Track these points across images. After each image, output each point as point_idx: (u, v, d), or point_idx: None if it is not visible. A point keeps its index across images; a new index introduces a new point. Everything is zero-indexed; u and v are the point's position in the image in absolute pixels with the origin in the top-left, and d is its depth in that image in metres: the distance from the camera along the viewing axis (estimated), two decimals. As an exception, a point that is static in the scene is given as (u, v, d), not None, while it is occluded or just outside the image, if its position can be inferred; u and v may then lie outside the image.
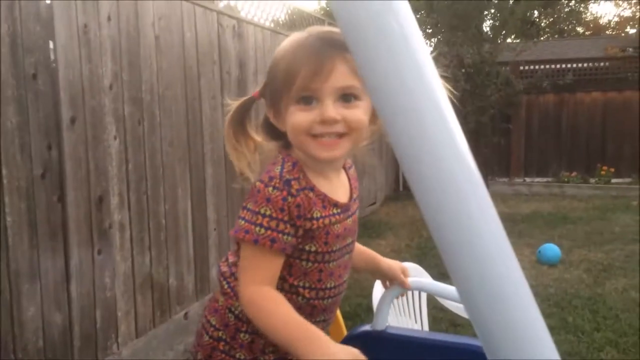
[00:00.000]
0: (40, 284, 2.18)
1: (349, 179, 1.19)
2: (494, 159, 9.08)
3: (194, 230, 3.18)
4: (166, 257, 2.94)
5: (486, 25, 10.24)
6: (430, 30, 11.25)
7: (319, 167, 1.09)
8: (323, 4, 10.78)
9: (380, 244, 5.35)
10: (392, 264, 1.40)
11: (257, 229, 0.99)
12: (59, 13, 2.21)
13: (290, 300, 1.04)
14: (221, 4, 3.64)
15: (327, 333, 1.24)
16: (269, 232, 0.99)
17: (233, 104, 1.13)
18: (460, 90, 8.40)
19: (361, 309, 3.51)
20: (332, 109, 0.99)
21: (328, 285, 1.12)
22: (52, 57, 2.19)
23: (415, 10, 10.95)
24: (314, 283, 1.10)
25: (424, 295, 1.89)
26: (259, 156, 1.13)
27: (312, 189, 1.05)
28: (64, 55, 2.24)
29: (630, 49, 9.82)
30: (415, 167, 0.37)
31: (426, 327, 1.86)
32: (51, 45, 2.19)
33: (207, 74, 3.30)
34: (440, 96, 0.37)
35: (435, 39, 10.64)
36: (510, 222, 6.37)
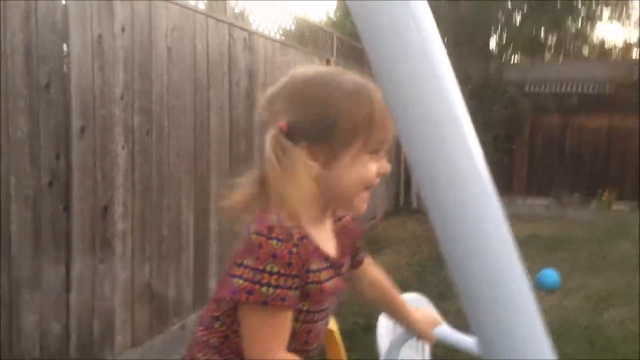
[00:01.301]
0: (42, 293, 2.17)
1: (337, 232, 1.09)
2: (494, 178, 9.03)
3: (195, 241, 3.17)
4: (166, 268, 2.93)
5: (493, 42, 10.26)
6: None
7: (317, 216, 1.01)
8: (331, 14, 10.84)
9: (382, 259, 5.33)
10: (423, 326, 1.32)
11: (264, 288, 0.91)
12: (74, 23, 2.22)
13: None
14: (235, 10, 3.64)
15: None
16: (278, 290, 0.91)
17: (268, 137, 0.95)
18: (466, 106, 8.40)
19: (358, 327, 3.49)
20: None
21: (313, 347, 1.08)
22: (65, 66, 2.20)
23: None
24: (300, 345, 1.03)
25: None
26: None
27: (307, 238, 0.98)
28: (77, 64, 2.25)
29: (637, 74, 9.84)
30: (428, 176, 0.36)
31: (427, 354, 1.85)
32: (65, 49, 2.19)
33: (216, 85, 3.31)
34: (458, 103, 0.37)
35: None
36: (510, 244, 6.36)
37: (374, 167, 0.98)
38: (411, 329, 1.33)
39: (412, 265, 5.15)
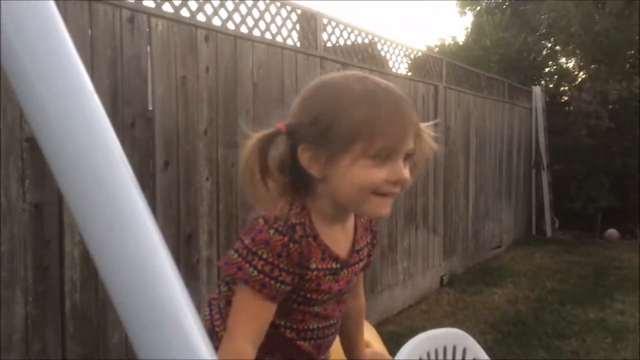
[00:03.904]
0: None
1: (356, 228, 1.12)
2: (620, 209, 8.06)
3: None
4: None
5: (637, 57, 9.29)
6: (574, 65, 10.53)
7: (333, 215, 1.04)
8: (447, 40, 10.51)
9: (496, 292, 5.02)
10: None
11: (250, 269, 0.96)
12: (158, 67, 2.44)
13: (272, 336, 1.02)
14: (327, 45, 3.74)
15: None
16: (261, 276, 0.96)
17: (254, 135, 1.01)
18: (604, 129, 7.71)
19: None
20: (407, 171, 0.97)
21: (311, 327, 1.09)
22: (149, 107, 2.42)
23: (561, 44, 10.32)
24: (296, 323, 1.08)
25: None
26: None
27: (316, 237, 1.02)
28: (161, 104, 2.46)
29: None
30: (71, 182, 0.38)
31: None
32: (149, 95, 2.42)
33: (307, 117, 3.40)
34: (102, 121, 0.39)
35: (581, 74, 9.92)
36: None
37: (381, 173, 0.95)
38: None
39: (530, 300, 4.77)
